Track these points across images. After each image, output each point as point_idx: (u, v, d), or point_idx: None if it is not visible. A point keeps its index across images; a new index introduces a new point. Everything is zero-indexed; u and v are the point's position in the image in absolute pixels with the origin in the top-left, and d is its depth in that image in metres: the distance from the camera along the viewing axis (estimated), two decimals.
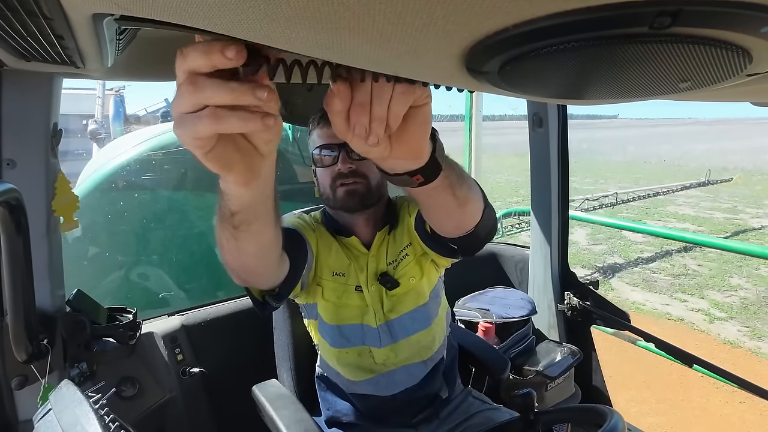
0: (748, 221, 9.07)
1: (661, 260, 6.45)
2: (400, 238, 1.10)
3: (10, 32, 0.54)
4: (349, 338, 1.11)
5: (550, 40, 0.27)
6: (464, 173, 0.72)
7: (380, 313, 1.10)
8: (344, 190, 1.01)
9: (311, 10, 0.26)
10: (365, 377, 1.12)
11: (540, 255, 1.88)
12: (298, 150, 2.79)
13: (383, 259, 1.09)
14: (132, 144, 2.62)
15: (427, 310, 1.13)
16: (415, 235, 1.06)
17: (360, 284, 1.08)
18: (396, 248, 1.10)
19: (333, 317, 1.10)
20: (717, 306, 4.81)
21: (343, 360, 1.12)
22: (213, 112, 0.37)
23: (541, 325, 1.91)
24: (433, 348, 1.15)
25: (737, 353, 3.81)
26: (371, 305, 1.09)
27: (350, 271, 1.08)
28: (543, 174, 1.78)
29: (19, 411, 1.09)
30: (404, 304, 1.10)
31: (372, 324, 1.09)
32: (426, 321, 1.13)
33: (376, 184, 1.02)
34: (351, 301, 1.09)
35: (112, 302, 1.32)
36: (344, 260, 1.09)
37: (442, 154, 0.61)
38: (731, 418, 2.86)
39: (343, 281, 1.08)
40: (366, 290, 1.09)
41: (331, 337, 1.12)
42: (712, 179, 13.01)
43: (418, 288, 1.11)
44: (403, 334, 1.10)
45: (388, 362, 1.11)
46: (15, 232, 0.81)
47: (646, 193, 11.29)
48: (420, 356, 1.13)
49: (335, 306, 1.09)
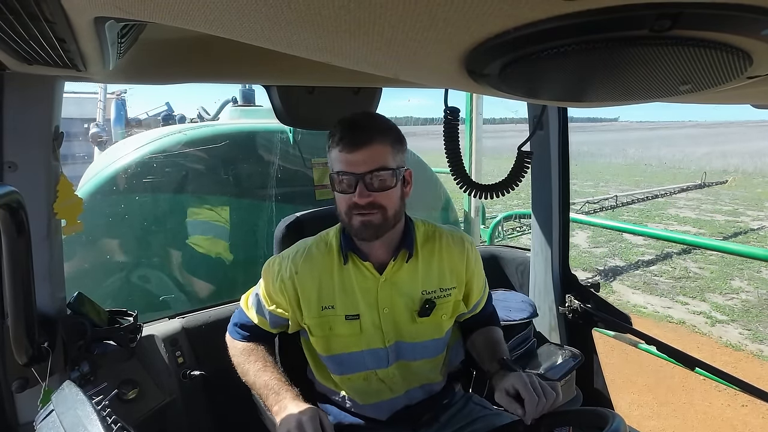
0: (749, 224, 9.06)
1: (662, 263, 6.44)
2: (443, 276, 1.12)
3: (12, 35, 0.55)
4: (350, 365, 1.12)
5: (550, 43, 0.27)
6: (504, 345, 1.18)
7: (392, 335, 1.10)
8: (360, 220, 0.99)
9: (312, 13, 0.26)
10: (369, 402, 1.14)
11: (541, 257, 1.88)
12: (298, 152, 2.80)
13: (407, 286, 1.10)
14: (133, 147, 2.62)
15: (439, 344, 1.16)
16: (462, 290, 1.16)
17: (355, 312, 1.08)
18: (435, 281, 1.11)
19: (325, 348, 1.12)
20: (718, 309, 4.79)
21: (347, 384, 1.14)
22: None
23: (542, 328, 1.91)
24: (437, 378, 1.18)
25: (739, 356, 3.80)
26: (382, 328, 1.09)
27: (342, 300, 1.08)
28: (544, 177, 1.78)
29: (19, 414, 1.08)
30: (424, 333, 1.12)
31: (378, 345, 1.10)
32: (434, 352, 1.16)
33: (393, 214, 1.01)
34: (342, 330, 1.09)
35: (112, 305, 1.32)
36: (333, 291, 1.08)
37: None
38: (733, 421, 2.85)
39: (332, 313, 1.09)
40: (375, 313, 1.09)
41: (331, 366, 1.14)
42: (707, 181, 13.08)
43: (442, 324, 1.14)
44: (412, 356, 1.13)
45: (393, 382, 1.13)
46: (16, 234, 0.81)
47: (647, 196, 11.29)
48: (421, 383, 1.16)
49: (326, 339, 1.11)
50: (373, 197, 0.97)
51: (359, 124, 0.97)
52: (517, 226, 6.85)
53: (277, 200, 2.68)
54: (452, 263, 1.13)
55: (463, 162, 1.30)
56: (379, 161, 0.96)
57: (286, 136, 2.77)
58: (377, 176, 0.96)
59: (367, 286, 1.08)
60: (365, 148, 0.95)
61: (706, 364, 1.51)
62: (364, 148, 0.95)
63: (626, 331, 1.68)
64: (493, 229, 5.54)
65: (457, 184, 1.31)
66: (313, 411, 0.95)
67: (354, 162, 0.95)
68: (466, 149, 5.20)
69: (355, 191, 0.96)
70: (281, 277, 1.10)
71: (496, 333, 1.23)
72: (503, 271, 2.17)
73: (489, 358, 1.13)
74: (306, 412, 0.94)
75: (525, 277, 2.03)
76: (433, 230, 1.15)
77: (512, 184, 1.28)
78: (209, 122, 3.60)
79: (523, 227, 6.73)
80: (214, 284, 2.56)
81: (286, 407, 0.97)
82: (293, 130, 2.75)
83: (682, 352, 1.56)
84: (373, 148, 0.95)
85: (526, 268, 2.02)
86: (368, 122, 0.99)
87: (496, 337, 1.21)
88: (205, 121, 3.98)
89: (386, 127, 1.00)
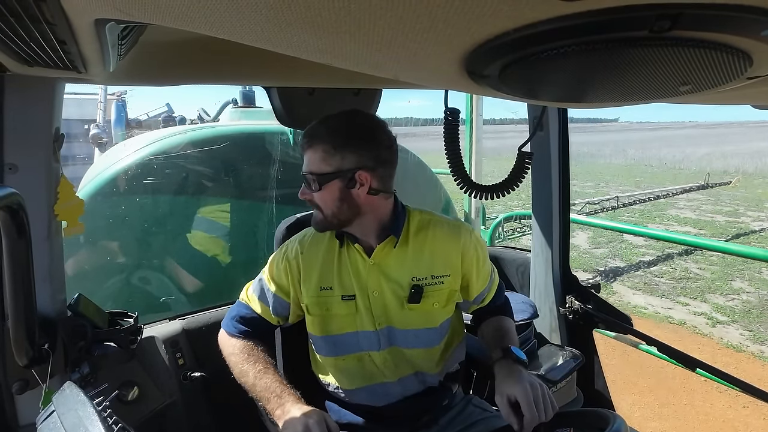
0: (750, 224, 9.05)
1: (662, 263, 6.44)
2: (434, 263, 1.12)
3: (13, 37, 0.55)
4: (344, 347, 1.13)
5: (550, 44, 0.27)
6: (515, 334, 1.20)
7: (382, 319, 1.11)
8: (312, 214, 1.09)
9: (313, 15, 0.26)
10: (362, 385, 1.14)
11: (541, 258, 1.88)
12: (299, 153, 2.79)
13: (396, 270, 1.11)
14: (134, 148, 2.63)
15: (432, 335, 1.15)
16: (458, 280, 1.15)
17: (351, 293, 1.11)
18: (425, 268, 1.12)
19: (321, 329, 1.13)
20: (719, 309, 4.79)
21: (341, 366, 1.14)
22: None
23: (543, 329, 1.90)
24: (432, 370, 1.17)
25: (740, 357, 3.80)
26: (372, 310, 1.10)
27: (339, 281, 1.12)
28: (544, 177, 1.78)
29: (20, 415, 1.08)
30: (416, 321, 1.12)
31: (369, 328, 1.11)
32: (428, 343, 1.15)
33: (331, 213, 1.05)
34: (338, 310, 1.11)
35: (113, 306, 1.32)
36: (332, 272, 1.12)
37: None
38: (735, 422, 2.84)
39: (329, 293, 1.12)
40: (366, 296, 1.10)
41: (325, 348, 1.15)
42: (711, 182, 13.04)
43: (434, 313, 1.14)
44: (403, 344, 1.13)
45: (386, 367, 1.13)
46: (16, 236, 0.81)
47: (647, 197, 11.28)
48: (415, 371, 1.15)
49: (322, 318, 1.13)
50: (309, 195, 1.05)
51: (311, 127, 1.04)
52: (518, 227, 6.84)
53: (277, 201, 2.68)
54: (445, 251, 1.13)
55: (463, 163, 1.30)
56: (311, 166, 1.02)
57: (286, 138, 2.78)
58: (310, 178, 1.03)
59: (358, 268, 1.11)
60: (307, 150, 1.03)
61: (707, 365, 1.51)
62: (306, 149, 1.03)
63: (627, 332, 1.68)
64: (493, 230, 5.54)
65: (457, 184, 1.31)
66: (319, 414, 0.95)
67: (307, 162, 1.04)
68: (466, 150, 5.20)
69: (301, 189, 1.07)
70: (287, 257, 1.15)
71: (506, 322, 1.23)
72: (504, 272, 2.17)
73: (494, 345, 1.14)
74: (311, 415, 0.94)
75: (525, 278, 2.03)
76: (428, 219, 1.16)
77: (512, 184, 1.28)
78: (210, 124, 3.60)
79: (524, 228, 6.73)
80: (215, 285, 2.56)
81: (289, 411, 0.97)
82: (293, 131, 2.75)
83: (683, 353, 1.56)
84: (310, 151, 1.02)
85: (526, 269, 2.02)
86: (318, 126, 1.03)
87: (506, 326, 1.21)
88: (205, 122, 3.98)
89: (332, 134, 1.02)
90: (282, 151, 2.75)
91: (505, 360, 1.06)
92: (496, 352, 1.10)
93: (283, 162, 2.73)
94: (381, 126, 1.05)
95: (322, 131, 1.02)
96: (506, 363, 1.05)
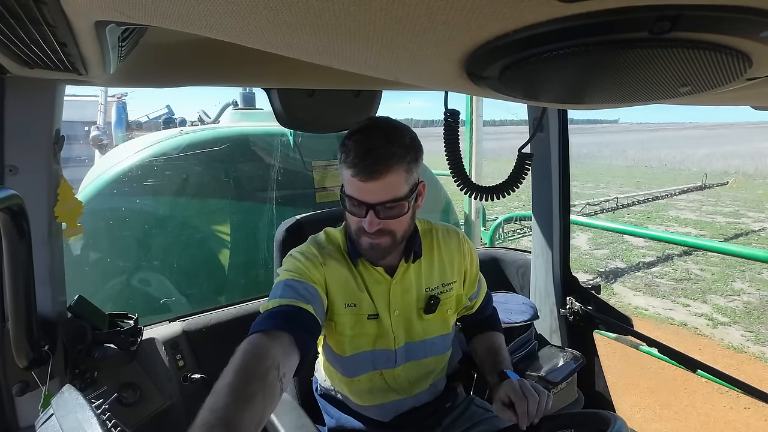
0: (750, 225, 9.05)
1: (663, 264, 6.43)
2: (444, 271, 1.12)
3: (13, 39, 0.55)
4: (359, 367, 1.09)
5: (550, 45, 0.27)
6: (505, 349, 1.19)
7: (401, 336, 1.09)
8: (368, 242, 0.96)
9: (313, 16, 0.26)
10: (375, 402, 1.13)
11: (541, 259, 1.87)
12: (299, 155, 2.80)
13: (413, 285, 1.09)
14: (134, 150, 2.63)
15: (446, 341, 1.16)
16: (462, 282, 1.15)
17: (375, 312, 1.06)
18: (437, 278, 1.11)
19: (346, 349, 1.06)
20: (720, 310, 4.78)
21: (355, 387, 1.12)
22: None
23: (543, 330, 1.90)
24: (441, 374, 1.19)
25: (741, 358, 3.79)
26: (393, 330, 1.08)
27: (363, 299, 1.04)
28: (544, 179, 1.78)
29: (19, 418, 1.08)
30: (432, 330, 1.12)
31: (389, 347, 1.08)
32: (443, 349, 1.16)
33: (402, 235, 0.98)
34: (365, 330, 1.06)
35: (113, 308, 1.31)
36: (355, 289, 1.04)
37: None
38: (736, 424, 2.84)
39: (356, 311, 1.04)
40: (387, 316, 1.07)
41: (343, 368, 1.10)
42: (709, 183, 13.06)
43: (448, 319, 1.15)
44: (421, 355, 1.12)
45: (399, 383, 1.12)
46: (17, 237, 0.81)
47: (647, 198, 11.28)
48: (428, 380, 1.15)
49: (350, 338, 1.06)
50: (383, 224, 0.93)
51: (374, 151, 0.87)
52: (518, 228, 6.85)
53: (277, 203, 2.68)
54: (450, 256, 1.13)
55: (463, 164, 1.30)
56: (392, 192, 0.90)
57: (286, 139, 2.78)
58: (389, 206, 0.91)
59: (380, 289, 1.06)
60: (379, 179, 0.88)
61: (708, 366, 1.50)
62: (378, 179, 0.88)
63: (627, 333, 1.68)
64: (493, 231, 5.54)
65: (457, 186, 1.31)
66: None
67: (366, 191, 0.90)
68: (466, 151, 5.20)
69: (366, 217, 0.92)
70: (312, 262, 1.00)
71: (497, 338, 1.22)
72: (504, 274, 2.17)
73: (490, 368, 1.13)
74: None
75: (526, 279, 2.03)
76: (429, 227, 1.15)
77: (513, 186, 1.28)
78: (210, 125, 3.60)
79: (524, 229, 6.73)
80: (215, 287, 2.56)
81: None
82: (294, 132, 2.75)
83: (683, 355, 1.56)
84: (386, 179, 0.88)
85: (526, 270, 2.02)
86: (384, 147, 0.88)
87: (497, 343, 1.20)
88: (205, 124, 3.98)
89: (403, 149, 0.90)
90: (282, 153, 2.75)
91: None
92: (493, 377, 1.09)
93: (283, 163, 2.73)
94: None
95: (392, 154, 0.88)
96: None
